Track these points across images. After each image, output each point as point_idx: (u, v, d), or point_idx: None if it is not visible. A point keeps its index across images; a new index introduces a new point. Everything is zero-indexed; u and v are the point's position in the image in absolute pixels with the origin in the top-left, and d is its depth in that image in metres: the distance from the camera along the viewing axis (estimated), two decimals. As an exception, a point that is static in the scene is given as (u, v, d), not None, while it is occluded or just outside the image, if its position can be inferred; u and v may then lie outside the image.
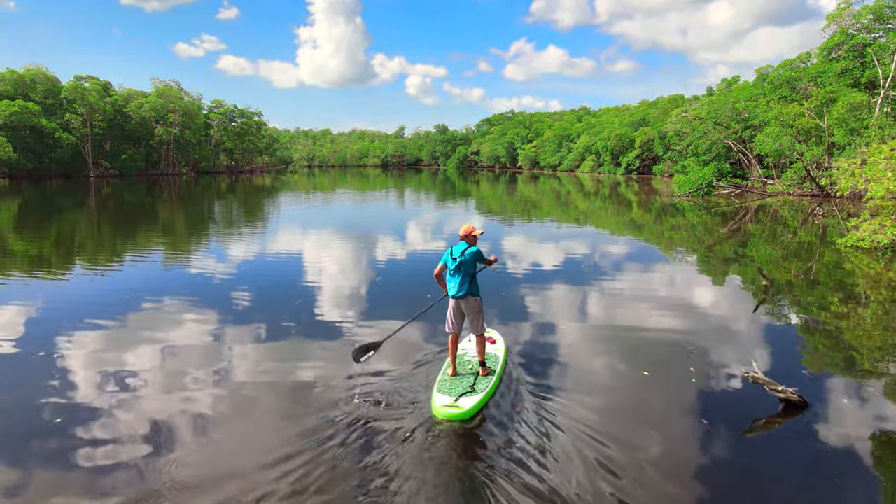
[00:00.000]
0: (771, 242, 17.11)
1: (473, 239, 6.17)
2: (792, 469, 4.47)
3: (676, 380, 6.26)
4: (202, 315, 8.91)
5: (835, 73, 32.89)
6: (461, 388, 5.64)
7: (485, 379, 5.90)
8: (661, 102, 75.83)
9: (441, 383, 5.79)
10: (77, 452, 4.70)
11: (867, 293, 10.64)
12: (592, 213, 28.45)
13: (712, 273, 12.99)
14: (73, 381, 6.19)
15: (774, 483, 4.26)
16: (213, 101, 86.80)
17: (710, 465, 4.53)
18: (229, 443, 4.93)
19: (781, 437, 5.03)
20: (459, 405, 5.29)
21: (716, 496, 4.13)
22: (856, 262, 13.50)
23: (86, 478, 4.36)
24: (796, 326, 8.54)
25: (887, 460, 4.68)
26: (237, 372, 6.50)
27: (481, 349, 6.08)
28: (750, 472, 4.41)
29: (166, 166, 74.28)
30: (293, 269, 13.05)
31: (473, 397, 5.44)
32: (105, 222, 23.10)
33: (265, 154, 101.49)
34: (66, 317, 8.74)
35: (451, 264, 5.99)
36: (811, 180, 32.22)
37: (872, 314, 9.21)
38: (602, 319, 8.89)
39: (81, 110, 62.49)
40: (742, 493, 4.18)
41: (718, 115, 41.86)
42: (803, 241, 17.20)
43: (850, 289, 11.11)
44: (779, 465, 4.50)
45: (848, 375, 6.47)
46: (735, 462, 4.57)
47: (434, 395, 5.53)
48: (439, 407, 5.29)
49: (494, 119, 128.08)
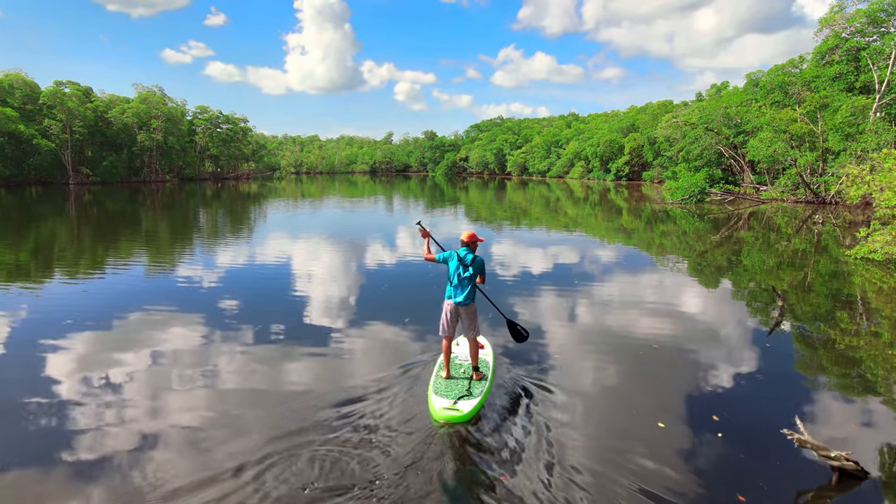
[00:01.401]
0: (771, 253, 16.31)
1: (475, 246, 6.18)
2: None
3: (698, 434, 5.25)
4: (187, 324, 8.80)
5: (829, 78, 32.36)
6: (457, 391, 5.71)
7: (478, 383, 5.97)
8: (650, 108, 75.45)
9: (436, 386, 5.85)
10: (56, 462, 4.67)
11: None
12: (582, 219, 27.63)
13: (716, 288, 12.09)
14: (56, 390, 6.13)
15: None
16: (198, 107, 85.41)
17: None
18: (222, 444, 4.95)
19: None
20: (459, 408, 5.35)
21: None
22: (866, 276, 12.69)
23: (67, 485, 4.33)
24: (823, 358, 7.62)
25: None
26: (227, 378, 6.52)
27: (475, 353, 6.14)
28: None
29: (149, 173, 72.52)
30: (279, 277, 12.87)
31: (471, 401, 5.52)
32: (85, 231, 21.87)
33: (251, 161, 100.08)
34: (45, 326, 8.59)
35: (463, 272, 5.99)
36: (805, 186, 31.63)
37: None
38: (602, 347, 7.96)
39: (61, 116, 60.82)
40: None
41: (710, 121, 41.30)
42: (806, 253, 16.41)
43: (874, 310, 10.06)
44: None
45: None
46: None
47: (431, 398, 5.58)
48: (438, 409, 5.34)
49: (483, 125, 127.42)
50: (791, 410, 5.61)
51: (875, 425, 5.46)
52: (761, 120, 34.86)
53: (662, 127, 47.57)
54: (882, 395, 6.17)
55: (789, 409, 5.72)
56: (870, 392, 6.31)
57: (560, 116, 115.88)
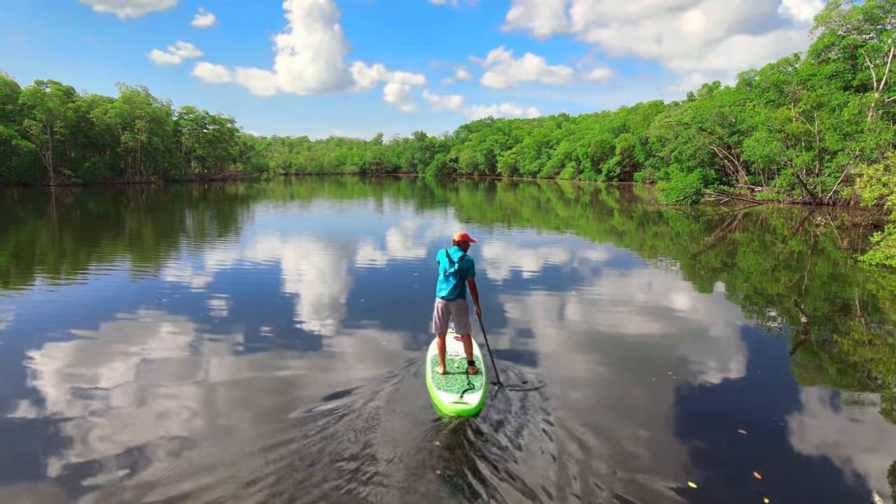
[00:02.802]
0: (775, 259, 15.62)
1: (467, 245, 6.25)
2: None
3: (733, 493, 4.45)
4: (173, 328, 8.52)
5: (825, 76, 31.83)
6: (459, 385, 5.82)
7: (476, 377, 6.07)
8: (641, 108, 75.09)
9: (437, 382, 5.92)
10: (43, 469, 4.50)
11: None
12: (573, 220, 26.89)
13: (728, 298, 11.34)
14: (42, 395, 5.97)
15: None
16: (184, 108, 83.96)
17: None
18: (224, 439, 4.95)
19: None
20: (467, 401, 5.45)
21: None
22: (882, 283, 12.00)
23: (54, 493, 4.18)
24: (851, 377, 6.87)
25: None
26: (218, 379, 6.44)
27: (469, 349, 6.27)
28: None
29: (133, 175, 70.99)
30: (266, 281, 12.50)
31: (476, 394, 5.63)
32: (67, 234, 20.67)
33: (239, 162, 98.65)
34: (31, 331, 8.33)
35: (449, 267, 6.09)
36: (802, 187, 31.10)
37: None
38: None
39: (41, 116, 59.20)
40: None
41: (703, 120, 40.75)
42: (816, 259, 15.73)
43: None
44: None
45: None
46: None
47: (436, 393, 5.66)
48: (447, 403, 5.43)
49: (473, 125, 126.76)
50: (823, 439, 4.85)
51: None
52: (756, 119, 34.34)
53: (655, 127, 47.01)
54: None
55: (819, 437, 4.96)
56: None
57: (550, 117, 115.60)
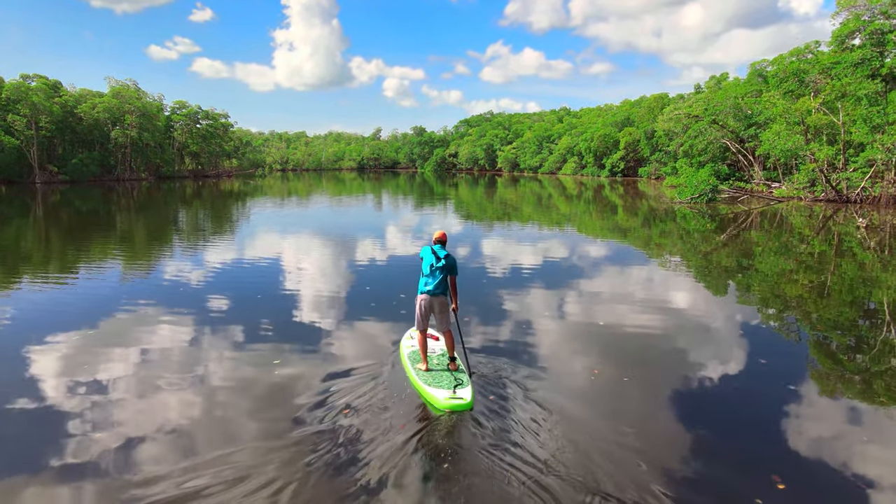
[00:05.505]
0: (822, 273, 13.79)
1: (444, 242, 6.30)
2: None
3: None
4: (169, 326, 8.39)
5: (850, 64, 29.78)
6: (447, 381, 5.74)
7: (459, 372, 6.01)
8: (645, 101, 72.99)
9: (424, 378, 5.84)
10: (41, 465, 4.44)
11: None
12: (575, 217, 25.05)
13: (801, 321, 9.50)
14: (39, 392, 5.91)
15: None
16: (176, 102, 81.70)
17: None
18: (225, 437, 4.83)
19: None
20: (461, 396, 5.40)
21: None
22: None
23: (51, 488, 4.14)
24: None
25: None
26: (216, 376, 6.35)
27: (450, 345, 6.18)
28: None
29: (123, 171, 68.95)
30: (266, 280, 12.15)
31: (466, 388, 5.57)
32: (53, 233, 19.67)
33: (234, 157, 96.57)
34: (21, 332, 8.09)
35: (436, 262, 6.07)
36: (826, 182, 29.19)
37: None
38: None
39: (25, 111, 57.16)
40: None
41: (717, 113, 38.77)
42: (875, 270, 13.89)
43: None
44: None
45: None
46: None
47: (427, 391, 5.59)
48: (442, 399, 5.37)
49: (473, 120, 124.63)
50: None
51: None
52: (774, 111, 32.41)
53: (663, 120, 45.04)
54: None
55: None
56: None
57: (551, 111, 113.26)
